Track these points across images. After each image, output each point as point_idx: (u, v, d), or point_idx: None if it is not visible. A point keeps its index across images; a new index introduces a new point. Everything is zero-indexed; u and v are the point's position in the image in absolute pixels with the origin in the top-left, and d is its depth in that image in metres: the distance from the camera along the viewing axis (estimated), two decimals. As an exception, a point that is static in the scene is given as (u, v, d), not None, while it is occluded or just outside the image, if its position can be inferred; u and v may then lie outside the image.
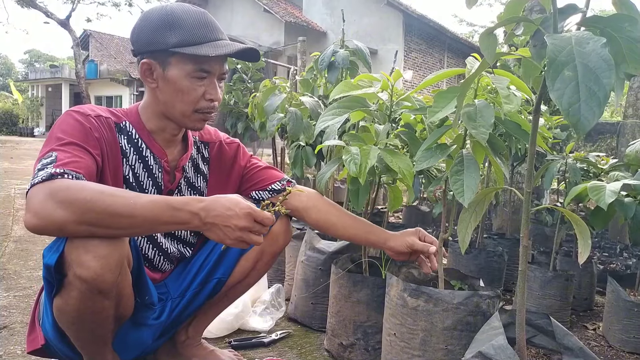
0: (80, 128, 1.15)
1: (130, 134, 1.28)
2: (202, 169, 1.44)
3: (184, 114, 1.25)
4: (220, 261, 1.44)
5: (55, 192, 0.98)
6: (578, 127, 0.76)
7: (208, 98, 1.24)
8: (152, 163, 1.31)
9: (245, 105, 3.71)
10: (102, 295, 1.06)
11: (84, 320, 1.10)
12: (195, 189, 1.43)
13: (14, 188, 5.30)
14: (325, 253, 2.00)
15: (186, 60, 1.19)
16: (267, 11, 14.91)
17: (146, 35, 1.20)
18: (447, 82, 12.97)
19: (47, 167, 1.03)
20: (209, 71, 1.22)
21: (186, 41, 1.18)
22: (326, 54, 2.16)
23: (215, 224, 1.07)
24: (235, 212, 1.07)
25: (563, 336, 1.20)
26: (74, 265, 1.01)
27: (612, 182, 1.81)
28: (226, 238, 1.08)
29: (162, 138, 1.32)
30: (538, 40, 0.97)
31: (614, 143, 6.07)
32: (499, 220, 4.11)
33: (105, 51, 23.37)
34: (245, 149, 1.55)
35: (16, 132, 22.61)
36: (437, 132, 1.31)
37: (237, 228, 1.07)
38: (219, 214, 1.06)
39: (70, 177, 1.03)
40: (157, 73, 1.22)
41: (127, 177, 1.27)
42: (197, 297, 1.43)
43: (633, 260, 3.46)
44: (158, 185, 1.33)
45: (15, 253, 2.80)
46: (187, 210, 1.05)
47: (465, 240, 1.27)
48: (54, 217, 0.97)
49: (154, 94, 1.26)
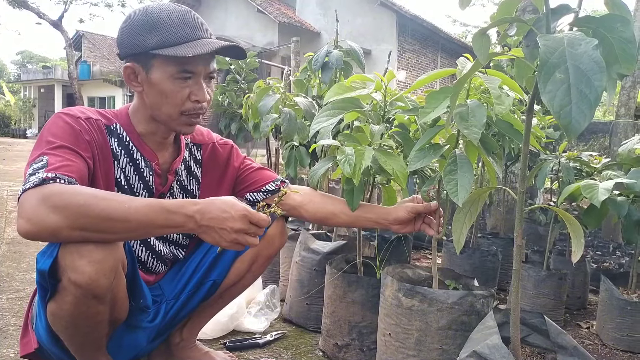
0: (71, 131, 1.13)
1: (121, 137, 1.26)
2: (195, 172, 1.43)
3: (170, 116, 1.23)
4: (215, 263, 1.44)
5: (47, 197, 0.96)
6: (569, 129, 0.76)
7: (194, 99, 1.21)
8: (143, 166, 1.30)
9: (239, 105, 3.71)
10: (97, 300, 1.05)
11: (78, 325, 1.09)
12: (187, 191, 1.42)
13: (6, 190, 5.26)
14: (319, 254, 2.00)
15: (168, 62, 1.17)
16: (260, 12, 14.88)
17: (128, 39, 1.18)
18: (441, 82, 13.00)
19: (38, 172, 1.01)
20: (192, 71, 1.19)
21: (166, 42, 1.15)
22: (320, 54, 2.16)
23: (211, 226, 1.06)
24: (230, 214, 1.06)
25: (557, 335, 1.20)
26: (68, 271, 1.00)
27: (605, 181, 1.83)
28: (222, 240, 1.07)
29: (153, 141, 1.31)
30: (531, 41, 0.97)
31: (607, 142, 6.10)
32: (492, 219, 4.12)
33: (98, 52, 23.28)
34: (239, 150, 1.54)
35: (8, 134, 22.43)
36: (430, 133, 1.31)
37: (232, 230, 1.06)
38: (214, 216, 1.05)
39: (63, 182, 1.01)
40: (142, 77, 1.20)
41: (118, 180, 1.26)
42: (192, 300, 1.43)
43: (626, 259, 3.48)
44: (149, 188, 1.32)
45: (8, 255, 2.78)
46: (182, 213, 1.04)
47: (460, 240, 1.27)
48: (47, 222, 0.95)
49: (141, 97, 1.25)
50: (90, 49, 23.57)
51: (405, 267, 1.67)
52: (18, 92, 26.12)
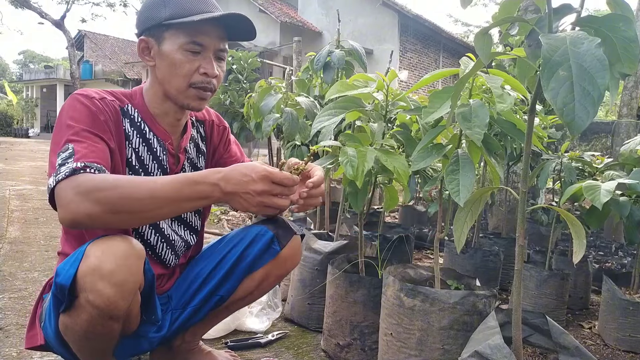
0: (88, 112, 1.15)
1: (133, 117, 1.28)
2: (202, 148, 1.45)
3: (178, 89, 1.24)
4: (225, 279, 1.40)
5: (80, 186, 1.01)
6: (572, 127, 0.76)
7: (202, 72, 1.22)
8: (157, 146, 1.30)
9: (240, 105, 3.71)
10: (113, 320, 1.06)
11: (89, 339, 1.10)
12: (197, 169, 1.42)
13: (8, 189, 5.27)
14: (321, 253, 2.00)
15: (179, 33, 1.19)
16: (262, 11, 14.89)
17: (143, 14, 1.23)
18: (443, 82, 13.00)
19: (67, 162, 1.05)
20: (202, 44, 1.21)
21: (178, 14, 1.18)
22: (322, 54, 2.16)
23: (236, 192, 1.08)
24: (251, 177, 1.07)
25: (559, 335, 1.20)
26: (87, 291, 1.00)
27: (607, 182, 1.82)
28: (249, 206, 1.09)
29: (166, 122, 1.32)
30: (533, 40, 0.97)
31: (609, 142, 6.09)
32: (494, 219, 4.12)
33: (100, 52, 23.31)
34: (231, 136, 1.56)
35: (11, 133, 22.49)
36: (432, 132, 1.31)
37: (256, 193, 1.08)
38: (237, 181, 1.07)
39: (92, 170, 1.05)
40: (154, 50, 1.23)
41: (129, 161, 1.27)
42: (198, 314, 1.40)
43: (628, 259, 3.48)
44: (163, 168, 1.32)
45: (10, 255, 2.79)
46: (208, 182, 1.07)
47: (461, 239, 1.27)
48: (84, 211, 1.00)
49: (153, 73, 1.26)
50: (92, 49, 23.61)
51: (407, 267, 1.67)
52: (20, 92, 26.20)
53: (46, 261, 2.68)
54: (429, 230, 3.93)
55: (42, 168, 7.68)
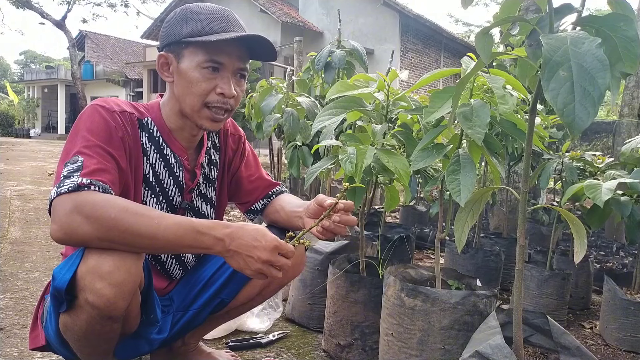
0: (106, 127, 1.13)
1: (152, 132, 1.26)
2: (214, 159, 1.42)
3: (193, 107, 1.21)
4: (227, 283, 1.40)
5: (81, 206, 0.98)
6: (573, 127, 0.76)
7: (219, 92, 1.19)
8: (173, 162, 1.29)
9: (241, 105, 3.71)
10: (112, 320, 1.06)
11: (89, 339, 1.09)
12: (210, 181, 1.41)
13: (9, 190, 5.28)
14: (322, 253, 2.00)
15: (197, 51, 1.17)
16: (263, 11, 14.89)
17: (165, 29, 1.22)
18: (444, 81, 12.99)
19: (73, 176, 1.02)
20: (221, 62, 1.18)
21: (198, 32, 1.16)
22: (323, 54, 2.16)
23: (239, 252, 1.04)
24: (261, 243, 1.04)
25: (560, 335, 1.20)
26: (86, 291, 1.00)
27: (608, 181, 1.82)
28: (246, 268, 1.05)
29: (182, 137, 1.30)
30: (534, 40, 0.97)
31: (610, 142, 6.09)
32: (495, 219, 4.12)
33: (101, 52, 23.32)
34: (247, 144, 1.52)
35: (12, 134, 22.51)
36: (433, 132, 1.31)
37: (259, 260, 1.04)
38: (244, 243, 1.03)
39: (97, 189, 1.02)
40: (173, 66, 1.21)
41: (147, 176, 1.25)
42: (199, 316, 1.41)
43: (629, 259, 3.47)
44: (179, 184, 1.31)
45: (12, 255, 2.79)
46: (212, 235, 1.03)
47: (462, 239, 1.27)
48: (78, 232, 0.98)
49: (171, 89, 1.25)
50: (94, 49, 23.62)
51: (408, 267, 1.67)
52: (21, 92, 26.21)
53: (47, 261, 2.69)
54: (429, 230, 3.92)
55: (43, 168, 7.69)
